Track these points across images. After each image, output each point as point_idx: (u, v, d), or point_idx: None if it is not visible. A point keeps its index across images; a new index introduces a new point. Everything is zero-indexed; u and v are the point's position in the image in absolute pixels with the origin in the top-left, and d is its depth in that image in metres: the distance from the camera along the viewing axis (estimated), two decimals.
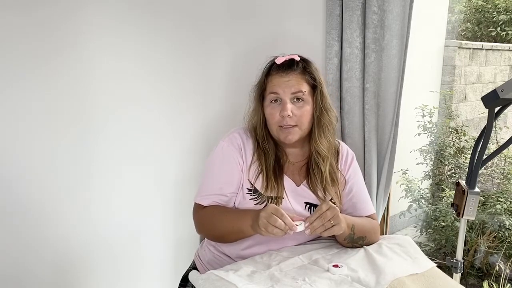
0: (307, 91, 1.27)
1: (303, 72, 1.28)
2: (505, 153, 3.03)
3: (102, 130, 1.53)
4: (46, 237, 1.49)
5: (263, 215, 1.13)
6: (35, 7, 1.34)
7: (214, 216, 1.29)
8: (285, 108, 1.25)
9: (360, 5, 1.62)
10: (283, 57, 1.30)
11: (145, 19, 1.54)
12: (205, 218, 1.31)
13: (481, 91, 3.91)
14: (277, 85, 1.27)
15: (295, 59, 1.29)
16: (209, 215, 1.30)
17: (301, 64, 1.29)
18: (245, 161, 1.30)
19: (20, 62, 1.35)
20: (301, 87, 1.26)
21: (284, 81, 1.27)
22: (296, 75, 1.27)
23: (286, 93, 1.26)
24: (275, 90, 1.27)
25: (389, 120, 1.68)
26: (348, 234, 1.26)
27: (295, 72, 1.27)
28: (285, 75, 1.27)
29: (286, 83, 1.26)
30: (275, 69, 1.29)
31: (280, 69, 1.28)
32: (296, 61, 1.29)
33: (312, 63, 1.33)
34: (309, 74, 1.29)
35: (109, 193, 1.59)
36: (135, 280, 1.73)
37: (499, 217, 2.66)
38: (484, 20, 4.63)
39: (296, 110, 1.26)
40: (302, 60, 1.31)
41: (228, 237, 1.29)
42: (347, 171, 1.38)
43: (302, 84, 1.27)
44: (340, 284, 1.10)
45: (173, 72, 1.64)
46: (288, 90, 1.26)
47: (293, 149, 1.35)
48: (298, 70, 1.28)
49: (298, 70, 1.28)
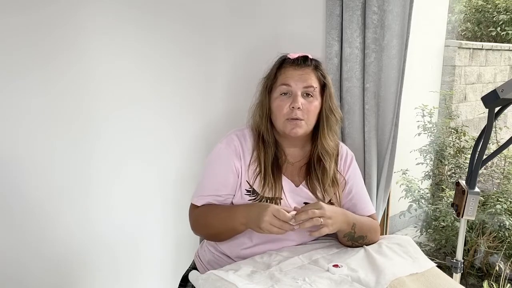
0: (318, 87, 1.30)
1: (316, 69, 1.31)
2: (505, 153, 3.03)
3: (102, 130, 1.53)
4: (46, 237, 1.49)
5: (267, 219, 1.14)
6: (35, 7, 1.34)
7: (207, 215, 1.30)
8: (296, 100, 1.26)
9: (360, 5, 1.62)
10: (296, 54, 1.33)
11: (145, 18, 1.54)
12: (198, 218, 1.32)
13: (481, 91, 3.91)
14: (290, 77, 1.28)
15: (308, 56, 1.33)
16: (202, 215, 1.31)
17: (314, 62, 1.32)
18: (243, 163, 1.30)
19: (20, 61, 1.35)
20: (313, 82, 1.29)
21: (297, 74, 1.28)
22: (310, 70, 1.30)
23: (298, 86, 1.28)
24: (287, 82, 1.28)
25: (389, 120, 1.68)
26: (348, 232, 1.26)
27: (308, 68, 1.30)
28: (298, 69, 1.29)
29: (300, 76, 1.28)
30: (288, 62, 1.31)
31: (294, 63, 1.30)
32: (309, 58, 1.32)
33: (322, 64, 1.36)
34: (320, 72, 1.32)
35: (109, 193, 1.59)
36: (135, 280, 1.73)
37: (499, 217, 2.66)
38: (484, 20, 4.63)
39: (305, 104, 1.28)
40: (314, 59, 1.34)
41: (223, 235, 1.30)
42: (346, 172, 1.38)
43: (314, 80, 1.29)
44: (340, 284, 1.10)
45: (173, 72, 1.64)
46: (300, 83, 1.28)
47: (293, 148, 1.35)
48: (312, 67, 1.31)
49: (312, 67, 1.31)
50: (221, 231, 1.28)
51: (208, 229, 1.32)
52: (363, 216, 1.35)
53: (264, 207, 1.17)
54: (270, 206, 1.17)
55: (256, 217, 1.17)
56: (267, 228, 1.15)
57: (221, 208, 1.30)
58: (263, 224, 1.14)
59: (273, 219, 1.14)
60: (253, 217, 1.18)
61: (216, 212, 1.29)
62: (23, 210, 1.43)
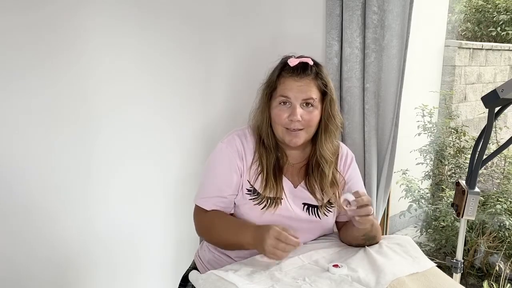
0: (317, 98, 1.26)
1: (316, 77, 1.27)
2: (505, 153, 3.03)
3: (102, 130, 1.53)
4: (45, 237, 1.49)
5: (270, 243, 1.13)
6: (35, 6, 1.34)
7: (215, 225, 1.29)
8: (295, 113, 1.24)
9: (360, 5, 1.62)
10: (296, 59, 1.27)
11: (146, 18, 1.54)
12: (206, 224, 1.32)
13: (481, 91, 3.91)
14: (289, 89, 1.25)
15: (308, 63, 1.27)
16: (210, 223, 1.30)
17: (314, 69, 1.27)
18: (244, 162, 1.30)
19: (20, 60, 1.35)
20: (312, 94, 1.25)
21: (297, 85, 1.25)
22: (309, 80, 1.25)
23: (297, 98, 1.25)
24: (286, 94, 1.25)
25: (389, 120, 1.68)
26: (368, 231, 1.26)
27: (308, 78, 1.25)
28: (298, 79, 1.25)
29: (299, 88, 1.24)
30: (288, 71, 1.27)
31: (293, 73, 1.26)
32: (310, 65, 1.27)
33: (323, 67, 1.31)
34: (321, 80, 1.27)
35: (109, 192, 1.59)
36: (135, 280, 1.73)
37: (499, 217, 2.66)
38: (484, 20, 4.63)
39: (305, 115, 1.25)
40: (315, 65, 1.29)
41: (227, 247, 1.31)
42: (346, 172, 1.38)
43: (313, 91, 1.25)
44: (340, 284, 1.10)
45: (173, 71, 1.64)
46: (299, 95, 1.24)
47: (295, 151, 1.35)
48: (312, 76, 1.26)
49: (312, 76, 1.26)
50: (227, 244, 1.28)
51: (214, 239, 1.32)
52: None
53: (266, 230, 1.14)
54: (272, 229, 1.14)
55: (261, 240, 1.15)
56: (271, 252, 1.13)
57: (231, 221, 1.29)
58: (266, 248, 1.13)
59: (277, 243, 1.13)
60: (258, 240, 1.16)
61: (226, 225, 1.27)
62: (21, 209, 1.43)
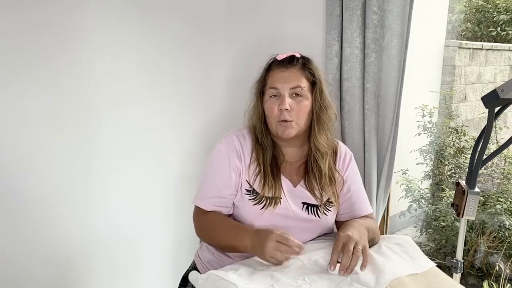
0: (306, 87, 1.29)
1: (303, 68, 1.31)
2: (505, 153, 3.03)
3: (101, 130, 1.53)
4: (45, 237, 1.49)
5: (271, 245, 1.13)
6: (35, 6, 1.34)
7: (214, 228, 1.29)
8: (284, 102, 1.26)
9: (360, 5, 1.62)
10: (284, 54, 1.33)
11: (145, 18, 1.54)
12: (205, 225, 1.32)
13: (481, 91, 3.91)
14: (277, 80, 1.29)
15: (295, 56, 1.32)
16: (209, 225, 1.30)
17: (301, 60, 1.32)
18: (243, 163, 1.30)
19: (20, 60, 1.35)
20: (300, 82, 1.28)
21: (283, 76, 1.28)
22: (296, 70, 1.29)
23: (285, 88, 1.28)
24: (274, 85, 1.29)
25: (389, 120, 1.68)
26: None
27: (295, 68, 1.29)
28: (285, 70, 1.29)
29: (286, 78, 1.28)
30: (275, 64, 1.32)
31: (280, 65, 1.31)
32: (296, 57, 1.32)
33: (312, 61, 1.35)
34: (308, 70, 1.31)
35: (109, 193, 1.59)
36: (135, 280, 1.73)
37: (499, 217, 2.66)
38: (484, 20, 4.63)
39: (294, 104, 1.27)
40: (302, 57, 1.33)
41: (225, 250, 1.31)
42: (345, 171, 1.38)
43: (301, 80, 1.29)
44: (339, 284, 1.10)
45: (173, 71, 1.64)
46: (287, 85, 1.28)
47: (291, 148, 1.35)
48: (298, 66, 1.30)
49: (298, 66, 1.30)
50: (226, 247, 1.29)
51: (213, 241, 1.32)
52: (366, 219, 1.35)
53: (267, 234, 1.14)
54: (273, 232, 1.14)
55: (260, 244, 1.15)
56: (271, 254, 1.13)
57: (231, 224, 1.29)
58: (266, 251, 1.13)
59: (278, 245, 1.13)
60: (257, 244, 1.16)
61: (225, 228, 1.28)
62: (21, 210, 1.43)
